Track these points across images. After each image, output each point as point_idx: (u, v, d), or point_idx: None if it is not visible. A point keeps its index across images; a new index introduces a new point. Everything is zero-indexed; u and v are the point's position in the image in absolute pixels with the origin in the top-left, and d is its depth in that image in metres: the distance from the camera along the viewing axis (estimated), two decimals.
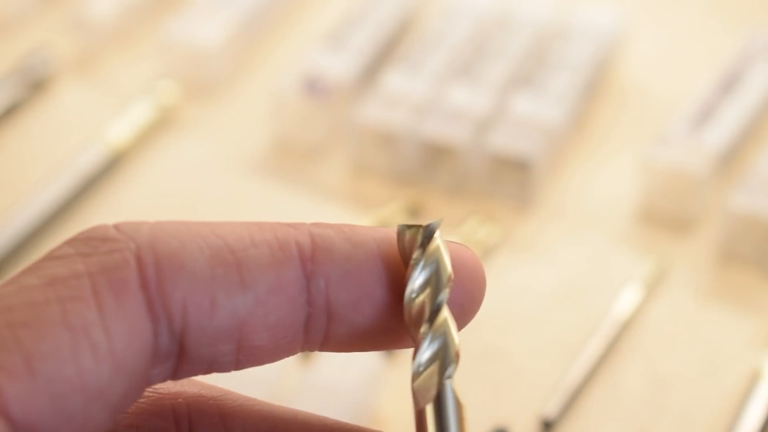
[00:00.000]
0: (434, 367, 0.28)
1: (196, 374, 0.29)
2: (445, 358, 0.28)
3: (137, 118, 0.65)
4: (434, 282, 0.29)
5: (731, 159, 0.62)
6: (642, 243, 0.60)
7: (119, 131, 0.64)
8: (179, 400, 0.31)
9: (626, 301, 0.57)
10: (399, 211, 0.61)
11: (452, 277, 0.29)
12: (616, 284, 0.57)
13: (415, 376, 0.28)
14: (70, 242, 0.28)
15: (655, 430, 0.52)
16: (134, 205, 0.62)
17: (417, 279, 0.29)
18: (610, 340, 0.55)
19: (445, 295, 0.29)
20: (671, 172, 0.60)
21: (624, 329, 0.56)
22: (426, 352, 0.28)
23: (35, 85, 0.67)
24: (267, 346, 0.29)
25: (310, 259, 0.29)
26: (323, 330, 0.30)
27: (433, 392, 0.28)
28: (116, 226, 0.28)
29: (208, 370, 0.29)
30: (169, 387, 0.31)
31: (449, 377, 0.28)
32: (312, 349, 0.30)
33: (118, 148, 0.64)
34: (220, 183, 0.63)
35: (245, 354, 0.29)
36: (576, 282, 0.58)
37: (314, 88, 0.64)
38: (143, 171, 0.64)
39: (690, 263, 0.59)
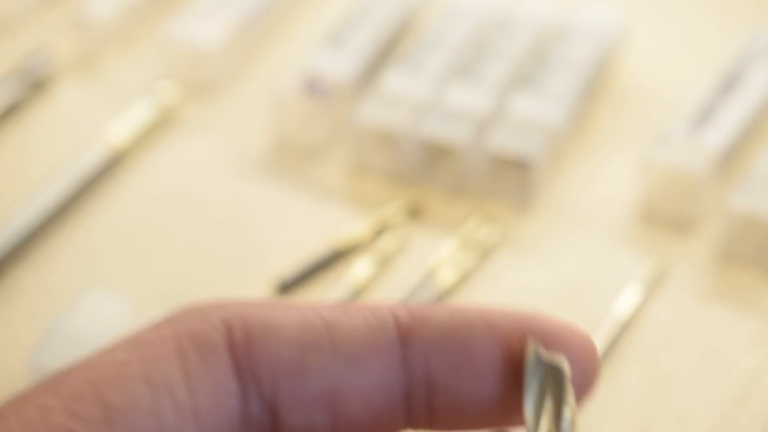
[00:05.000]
0: None
1: None
2: None
3: (137, 118, 0.65)
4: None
5: (731, 159, 0.62)
6: (642, 243, 0.60)
7: (119, 131, 0.64)
8: None
9: (626, 301, 0.57)
10: (399, 211, 0.61)
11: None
12: (616, 284, 0.57)
13: None
14: (165, 317, 0.28)
15: (655, 430, 0.52)
16: (134, 205, 0.62)
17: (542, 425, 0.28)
18: (610, 340, 0.55)
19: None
20: (671, 172, 0.60)
21: (624, 329, 0.56)
22: None
23: (35, 85, 0.67)
24: (364, 416, 0.28)
25: (406, 326, 0.28)
26: (425, 402, 0.28)
27: None
28: (207, 300, 0.28)
29: None
30: None
31: None
32: (418, 426, 0.29)
33: (118, 148, 0.64)
34: (220, 183, 0.63)
35: (343, 426, 0.28)
36: (576, 282, 0.58)
37: (314, 88, 0.64)
38: (143, 171, 0.64)
39: (690, 263, 0.59)
